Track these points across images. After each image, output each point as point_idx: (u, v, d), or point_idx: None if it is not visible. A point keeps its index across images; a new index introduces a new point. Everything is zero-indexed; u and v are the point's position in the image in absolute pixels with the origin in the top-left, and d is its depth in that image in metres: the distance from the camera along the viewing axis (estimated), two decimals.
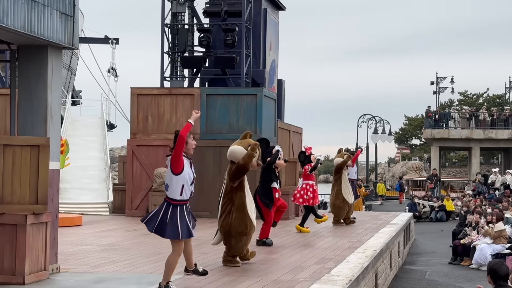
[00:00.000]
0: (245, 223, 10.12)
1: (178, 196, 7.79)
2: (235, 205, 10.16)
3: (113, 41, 35.59)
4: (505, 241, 17.00)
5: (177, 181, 7.77)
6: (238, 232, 10.13)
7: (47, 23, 8.98)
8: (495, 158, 71.16)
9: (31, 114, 9.22)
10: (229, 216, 10.15)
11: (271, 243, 12.78)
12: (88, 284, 8.65)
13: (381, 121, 42.06)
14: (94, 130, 29.01)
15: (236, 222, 10.11)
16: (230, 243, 10.24)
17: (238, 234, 10.14)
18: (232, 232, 10.14)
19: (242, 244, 10.25)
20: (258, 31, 21.96)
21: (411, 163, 71.36)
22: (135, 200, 19.86)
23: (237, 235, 10.15)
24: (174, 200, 7.79)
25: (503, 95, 67.37)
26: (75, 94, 37.98)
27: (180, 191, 7.79)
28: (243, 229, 10.13)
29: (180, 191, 7.79)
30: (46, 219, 8.82)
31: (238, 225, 10.12)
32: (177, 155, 7.72)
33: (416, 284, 15.08)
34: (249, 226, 10.17)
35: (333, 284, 8.70)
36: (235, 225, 10.12)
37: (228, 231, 10.16)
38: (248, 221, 10.14)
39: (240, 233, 10.14)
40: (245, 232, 10.15)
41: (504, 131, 46.15)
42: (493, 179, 35.07)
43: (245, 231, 10.14)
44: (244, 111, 19.37)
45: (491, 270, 7.95)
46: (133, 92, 20.13)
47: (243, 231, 10.14)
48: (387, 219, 19.82)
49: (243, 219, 10.12)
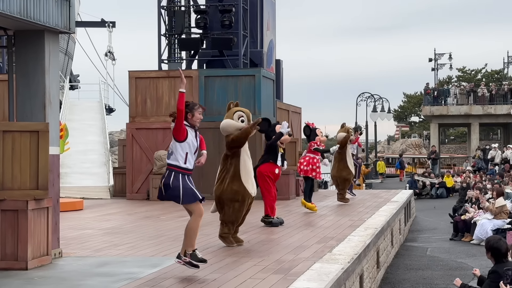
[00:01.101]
0: (237, 190, 10.15)
1: (182, 163, 7.88)
2: (229, 173, 10.22)
3: (110, 25, 35.48)
4: (506, 216, 17.05)
5: (182, 148, 7.89)
6: (229, 198, 10.18)
7: (43, 8, 8.95)
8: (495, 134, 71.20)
9: (30, 99, 9.21)
10: (222, 184, 10.23)
11: (277, 224, 12.79)
12: (90, 268, 8.68)
13: (380, 99, 42.02)
14: (93, 114, 29.02)
15: (228, 188, 10.17)
16: (223, 209, 10.30)
17: (230, 200, 10.18)
18: (224, 199, 10.20)
19: (236, 211, 10.24)
20: (255, 11, 21.87)
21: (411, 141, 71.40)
22: (135, 183, 19.89)
23: (229, 202, 10.20)
24: (178, 167, 7.86)
25: (502, 70, 67.27)
26: (73, 79, 37.91)
27: (184, 159, 7.88)
28: (234, 195, 10.16)
29: (184, 159, 7.88)
30: (47, 204, 8.84)
31: (230, 191, 10.16)
32: (178, 126, 7.84)
33: (417, 261, 15.14)
34: (242, 194, 10.16)
35: (335, 263, 8.73)
36: (227, 191, 10.17)
37: (220, 197, 10.23)
38: (241, 188, 10.15)
39: (232, 199, 10.18)
40: (237, 198, 10.17)
41: (503, 106, 46.12)
42: (493, 154, 35.11)
43: (236, 197, 10.16)
44: (242, 92, 19.36)
45: (492, 248, 7.98)
46: (131, 75, 20.10)
47: (234, 197, 10.16)
48: (388, 197, 19.87)
49: (236, 186, 10.15)
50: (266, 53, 22.40)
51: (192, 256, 7.99)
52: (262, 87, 19.35)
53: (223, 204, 10.27)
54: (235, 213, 10.27)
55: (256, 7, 21.91)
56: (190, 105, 8.08)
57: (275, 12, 23.74)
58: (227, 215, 10.31)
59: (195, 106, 8.11)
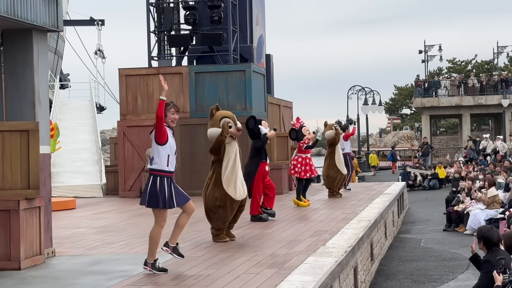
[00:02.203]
0: (217, 196, 10.17)
1: (165, 167, 7.96)
2: (212, 180, 10.28)
3: (99, 23, 35.34)
4: (498, 206, 17.09)
5: (163, 151, 7.97)
6: (211, 204, 10.24)
7: (30, 6, 8.91)
8: (486, 124, 71.37)
9: (19, 98, 9.17)
10: (207, 191, 10.29)
11: (266, 219, 12.78)
12: (84, 267, 8.66)
13: (371, 92, 42.05)
14: (83, 113, 28.93)
15: (209, 195, 10.24)
16: (209, 216, 10.37)
17: (212, 206, 10.24)
18: (207, 205, 10.28)
19: (222, 216, 10.27)
20: (244, 6, 21.82)
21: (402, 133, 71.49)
22: (128, 181, 19.85)
23: (213, 208, 10.25)
24: (161, 171, 7.94)
25: (491, 61, 67.37)
26: (63, 78, 37.80)
27: (167, 162, 7.96)
28: (215, 201, 10.20)
29: (166, 162, 7.96)
30: (39, 203, 8.80)
31: (211, 197, 10.23)
32: (159, 129, 7.93)
33: (411, 252, 15.17)
34: (223, 199, 10.17)
35: (329, 256, 8.74)
36: (209, 198, 10.26)
37: (205, 204, 10.32)
38: (221, 194, 10.16)
39: (214, 205, 10.23)
40: (218, 204, 10.20)
41: (493, 96, 46.25)
42: (484, 145, 35.21)
43: (217, 203, 10.20)
44: (233, 88, 19.33)
45: (484, 238, 8.02)
46: (121, 73, 20.04)
47: (215, 203, 10.20)
48: (381, 189, 19.90)
49: (216, 192, 10.17)
50: (256, 48, 22.36)
51: (152, 266, 7.99)
52: (253, 82, 19.32)
53: (208, 211, 10.34)
54: (221, 218, 10.32)
55: (245, 2, 21.86)
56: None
57: (264, 7, 23.69)
58: (213, 221, 10.37)
59: (167, 106, 8.07)
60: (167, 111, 8.03)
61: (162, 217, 8.03)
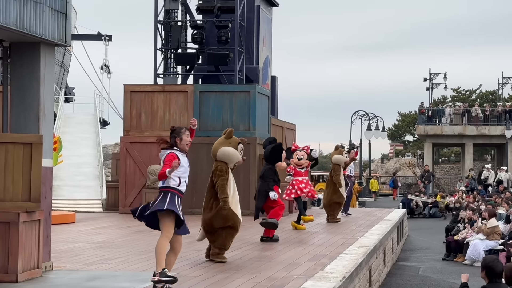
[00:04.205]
0: (227, 215, 10.13)
1: (176, 185, 7.90)
2: (217, 200, 10.19)
3: (106, 38, 35.51)
4: (498, 237, 17.04)
5: (174, 173, 7.84)
6: (221, 222, 10.17)
7: (39, 20, 8.94)
8: (488, 154, 71.30)
9: (24, 111, 9.18)
10: (212, 211, 10.21)
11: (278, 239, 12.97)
12: (81, 282, 8.62)
13: (375, 117, 42.06)
14: (87, 127, 28.99)
15: (219, 213, 10.14)
16: (213, 236, 10.29)
17: (223, 224, 10.18)
18: (215, 223, 10.20)
19: (229, 236, 10.27)
20: (251, 27, 21.92)
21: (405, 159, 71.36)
22: (128, 197, 19.82)
23: (222, 225, 10.20)
24: (173, 188, 7.87)
25: (496, 91, 67.41)
26: (68, 91, 37.89)
27: (178, 183, 7.90)
28: (226, 220, 10.15)
29: (178, 183, 7.90)
30: (39, 216, 8.79)
31: (221, 216, 10.15)
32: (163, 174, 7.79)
33: (409, 280, 15.11)
34: (234, 219, 10.15)
35: (327, 281, 8.70)
36: (218, 216, 10.16)
37: (211, 223, 10.22)
38: (230, 213, 10.13)
39: (224, 224, 10.18)
40: (229, 224, 10.16)
41: (497, 127, 46.23)
42: (486, 175, 35.15)
43: (228, 222, 10.15)
44: (237, 108, 19.35)
45: (487, 267, 7.98)
46: (126, 89, 20.09)
47: (226, 222, 10.16)
48: (381, 216, 19.85)
49: (225, 212, 10.12)
50: (262, 69, 22.44)
51: (161, 274, 7.77)
52: (257, 103, 19.35)
53: (216, 229, 10.24)
54: (228, 237, 10.29)
55: (252, 23, 21.96)
56: (176, 130, 8.08)
57: (271, 29, 23.79)
58: (220, 238, 10.27)
59: (182, 129, 8.08)
60: (183, 135, 8.00)
61: (169, 225, 7.82)
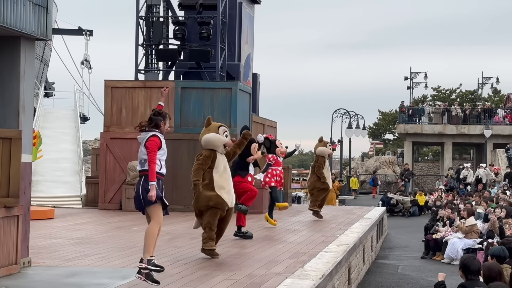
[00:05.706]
0: (210, 196, 10.14)
1: (158, 169, 8.03)
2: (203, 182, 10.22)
3: (87, 33, 35.36)
4: (477, 236, 17.15)
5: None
6: (203, 204, 10.18)
7: (20, 14, 8.87)
8: (467, 153, 71.76)
9: (3, 106, 9.11)
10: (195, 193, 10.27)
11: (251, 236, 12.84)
12: (60, 278, 8.58)
13: (355, 115, 42.25)
14: (67, 122, 28.87)
15: (201, 194, 10.16)
16: (202, 219, 10.32)
17: (204, 207, 10.19)
18: (200, 206, 10.22)
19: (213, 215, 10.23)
20: (233, 24, 21.88)
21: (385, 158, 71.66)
22: (108, 193, 19.74)
23: (205, 208, 10.20)
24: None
25: (476, 91, 67.89)
26: (48, 86, 37.69)
27: (160, 165, 8.08)
28: (208, 201, 10.15)
29: (160, 166, 8.07)
30: (18, 212, 8.73)
31: (203, 197, 10.16)
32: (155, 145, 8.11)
33: (388, 278, 15.17)
34: (215, 200, 10.16)
35: (306, 279, 8.71)
36: (201, 198, 10.18)
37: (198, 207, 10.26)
38: (213, 194, 10.15)
39: (206, 206, 10.18)
40: (210, 204, 10.16)
41: (476, 126, 46.58)
42: (465, 174, 35.38)
43: (210, 203, 10.15)
44: (218, 105, 19.33)
45: (463, 265, 8.05)
46: (107, 85, 20.00)
47: (207, 203, 10.16)
48: (361, 214, 19.91)
49: (208, 193, 10.14)
50: (244, 67, 22.41)
51: (148, 262, 7.85)
52: (239, 100, 19.34)
53: (201, 211, 10.29)
54: (212, 216, 10.26)
55: (234, 20, 21.92)
56: (163, 114, 8.33)
57: (253, 26, 23.77)
58: (205, 218, 10.31)
59: (167, 115, 8.37)
60: (167, 120, 8.33)
61: (158, 213, 8.00)
